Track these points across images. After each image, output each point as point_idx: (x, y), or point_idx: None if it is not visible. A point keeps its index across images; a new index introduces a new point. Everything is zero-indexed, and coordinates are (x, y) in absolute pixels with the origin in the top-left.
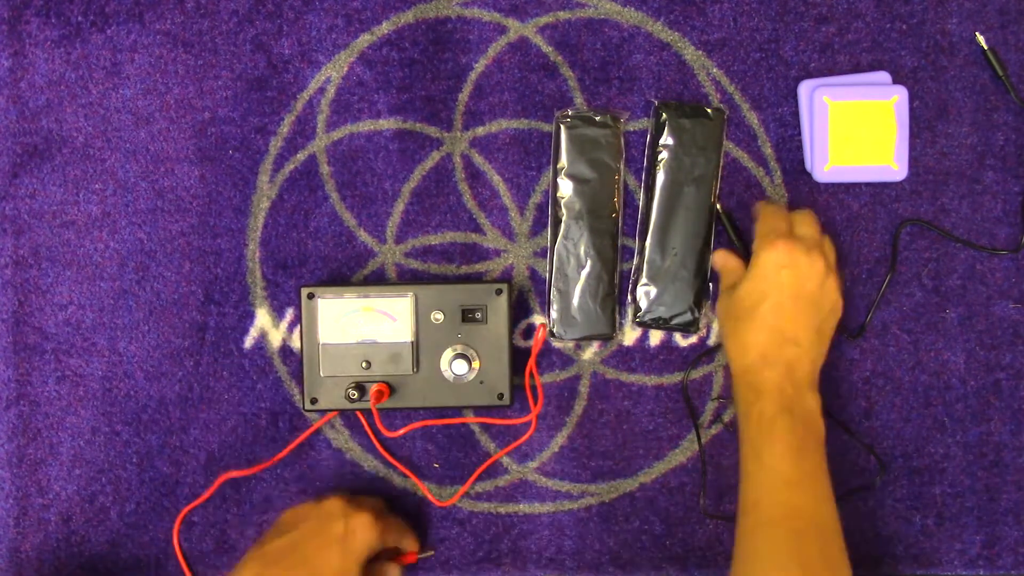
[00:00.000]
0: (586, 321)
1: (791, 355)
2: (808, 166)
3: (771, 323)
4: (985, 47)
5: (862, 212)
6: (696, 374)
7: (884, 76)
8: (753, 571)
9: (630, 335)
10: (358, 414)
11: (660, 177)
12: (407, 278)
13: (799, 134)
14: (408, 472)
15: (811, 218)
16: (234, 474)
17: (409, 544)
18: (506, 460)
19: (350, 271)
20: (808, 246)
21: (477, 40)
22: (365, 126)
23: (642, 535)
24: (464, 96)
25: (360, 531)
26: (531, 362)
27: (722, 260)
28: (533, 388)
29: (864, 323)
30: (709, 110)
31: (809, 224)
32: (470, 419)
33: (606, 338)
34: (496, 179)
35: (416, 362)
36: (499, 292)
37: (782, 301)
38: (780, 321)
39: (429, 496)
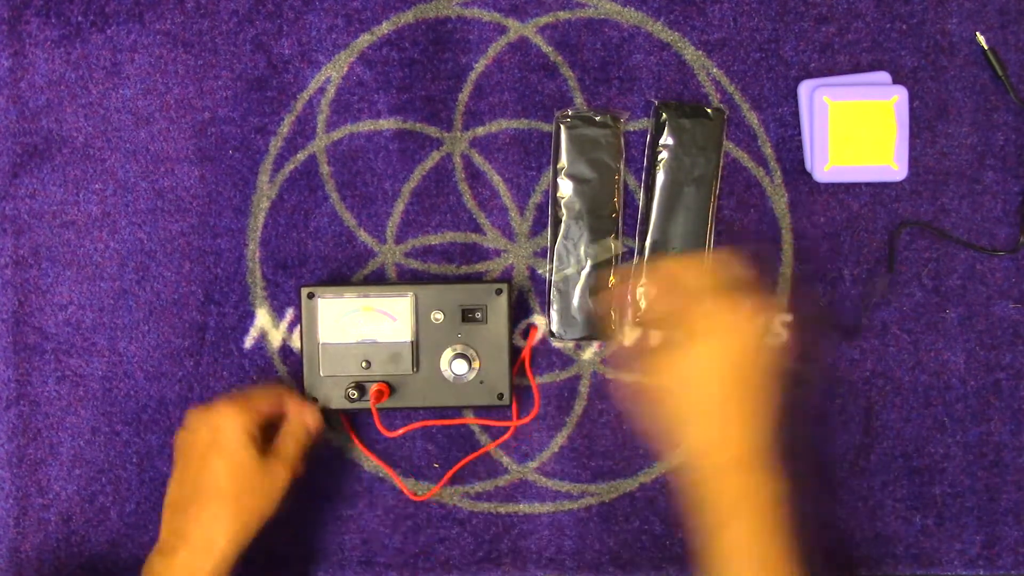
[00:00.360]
0: (586, 321)
1: (762, 459)
2: (808, 166)
3: (740, 417)
4: (985, 47)
5: (862, 212)
6: None
7: (884, 76)
8: None
9: (630, 335)
10: (342, 416)
11: (660, 177)
12: (407, 278)
13: (799, 134)
14: (386, 466)
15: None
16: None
17: (290, 404)
18: (506, 460)
19: (350, 271)
20: (741, 315)
21: (477, 40)
22: (365, 126)
23: (642, 535)
24: (464, 96)
25: (226, 424)
26: (526, 358)
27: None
28: (528, 388)
29: (859, 323)
30: (709, 110)
31: (701, 274)
32: (468, 419)
33: (606, 338)
34: (496, 179)
35: (416, 362)
36: (499, 292)
37: (742, 395)
38: (738, 407)
39: (404, 490)
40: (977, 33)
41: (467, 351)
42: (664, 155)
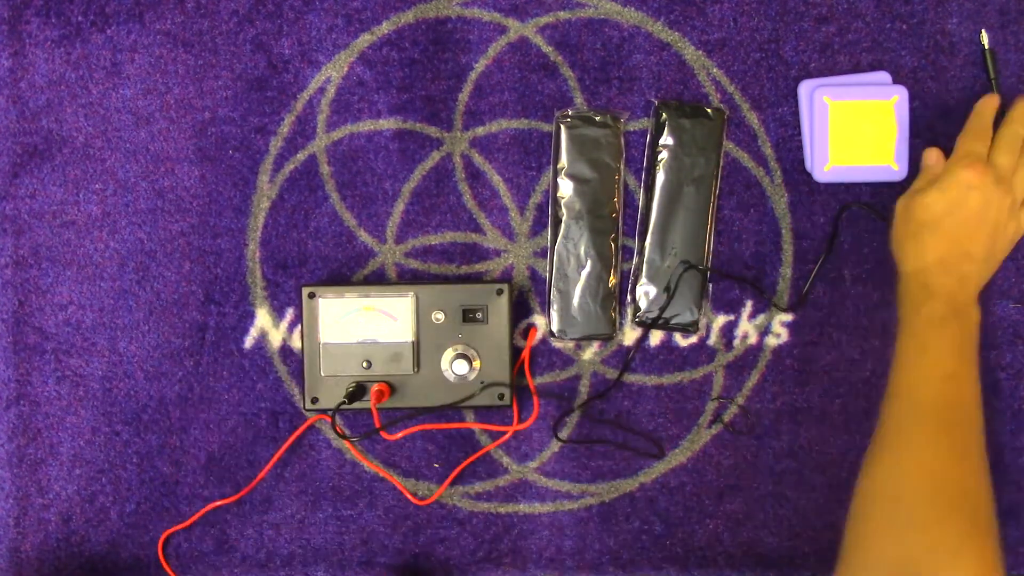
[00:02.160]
0: (586, 321)
1: (967, 269)
2: (808, 166)
3: (953, 235)
4: (987, 46)
5: (862, 212)
6: (696, 374)
7: (884, 76)
8: (905, 454)
9: (630, 335)
10: (326, 417)
11: (660, 177)
12: (407, 278)
13: (799, 134)
14: (384, 472)
15: (1014, 145)
16: (218, 504)
17: None
18: (506, 460)
19: (350, 271)
20: (1000, 177)
21: (477, 40)
22: (365, 126)
23: (642, 535)
24: (464, 96)
25: None
26: (526, 359)
27: (935, 158)
28: (527, 388)
29: (803, 295)
30: (709, 110)
31: (1009, 152)
32: (467, 424)
33: (606, 338)
34: (496, 179)
35: (417, 362)
36: (500, 292)
37: (967, 219)
38: (961, 236)
39: (407, 494)
40: (983, 31)
41: (468, 351)
42: (664, 155)
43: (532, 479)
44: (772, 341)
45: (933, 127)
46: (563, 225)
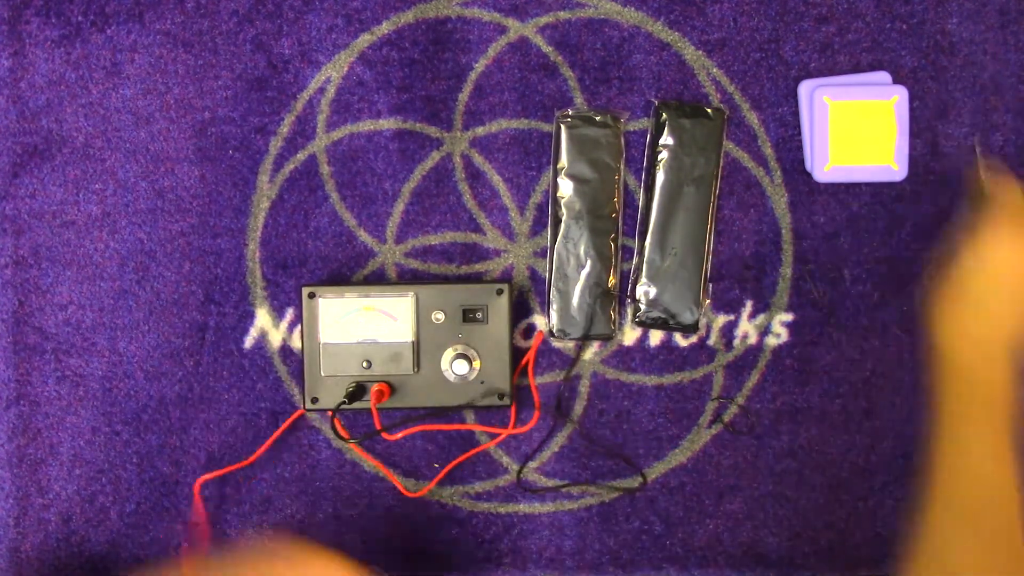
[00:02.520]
0: (586, 321)
1: (999, 348)
2: (808, 166)
3: (995, 310)
4: (978, 152)
5: (862, 212)
6: (696, 374)
7: (884, 76)
8: (942, 558)
9: (630, 335)
10: (335, 420)
11: (660, 177)
12: (407, 278)
13: (799, 134)
14: (381, 465)
15: None
16: (207, 477)
17: None
18: (506, 460)
19: (350, 271)
20: None
21: (477, 40)
22: (365, 126)
23: (642, 535)
24: (464, 96)
25: None
26: (531, 360)
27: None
28: (529, 386)
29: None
30: (709, 110)
31: None
32: (465, 425)
33: (606, 338)
34: (496, 179)
35: (417, 362)
36: (500, 292)
37: (1011, 289)
38: (1004, 312)
39: (400, 487)
40: (976, 140)
41: (468, 351)
42: (664, 155)
43: (532, 479)
44: (772, 341)
45: (933, 127)
46: (563, 225)
